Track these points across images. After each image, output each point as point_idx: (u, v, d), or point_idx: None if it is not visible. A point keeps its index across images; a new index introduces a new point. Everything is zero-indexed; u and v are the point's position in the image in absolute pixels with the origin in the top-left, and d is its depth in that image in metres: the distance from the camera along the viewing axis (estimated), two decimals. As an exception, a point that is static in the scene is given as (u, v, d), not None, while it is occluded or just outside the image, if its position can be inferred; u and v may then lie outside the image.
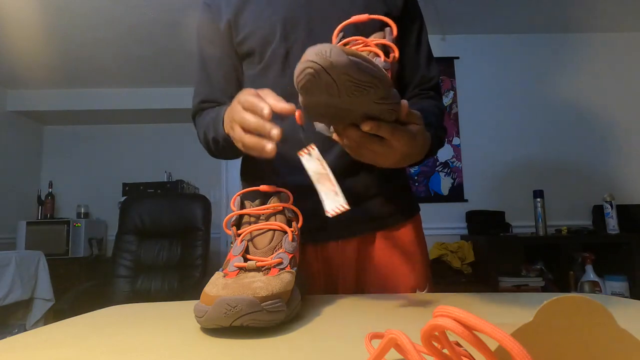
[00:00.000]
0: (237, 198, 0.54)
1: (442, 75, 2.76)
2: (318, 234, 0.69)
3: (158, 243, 2.32)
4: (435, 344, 0.22)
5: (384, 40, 0.53)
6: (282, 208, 0.53)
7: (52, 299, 2.42)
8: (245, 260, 0.47)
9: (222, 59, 0.76)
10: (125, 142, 3.63)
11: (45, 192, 3.35)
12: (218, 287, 0.41)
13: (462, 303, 0.54)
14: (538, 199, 2.36)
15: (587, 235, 2.34)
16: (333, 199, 0.47)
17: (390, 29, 0.55)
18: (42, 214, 3.29)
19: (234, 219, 0.53)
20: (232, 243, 0.52)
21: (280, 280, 0.43)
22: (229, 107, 0.58)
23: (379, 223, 0.72)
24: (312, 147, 0.51)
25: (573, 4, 2.47)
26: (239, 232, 0.51)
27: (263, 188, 0.54)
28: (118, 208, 2.53)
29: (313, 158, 0.50)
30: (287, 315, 0.42)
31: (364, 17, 0.57)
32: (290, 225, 0.52)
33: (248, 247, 0.49)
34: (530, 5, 2.48)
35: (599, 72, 2.77)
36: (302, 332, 0.41)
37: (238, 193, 0.55)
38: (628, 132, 2.71)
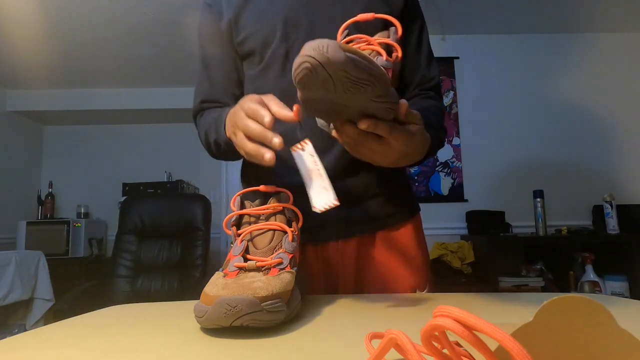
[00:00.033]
0: (237, 198, 0.54)
1: (442, 75, 2.76)
2: (318, 234, 0.69)
3: (158, 243, 2.32)
4: (435, 344, 0.22)
5: (388, 40, 0.53)
6: (282, 208, 0.53)
7: (52, 299, 2.42)
8: (245, 260, 0.47)
9: (223, 59, 0.76)
10: (125, 142, 3.63)
11: (45, 192, 3.35)
12: (218, 287, 0.41)
13: (462, 303, 0.54)
14: (538, 199, 2.36)
15: (587, 235, 2.34)
16: (322, 195, 0.46)
17: (395, 29, 0.55)
18: (42, 214, 3.29)
19: (234, 219, 0.53)
20: (232, 243, 0.51)
21: (280, 280, 0.43)
22: (232, 111, 0.57)
23: (379, 223, 0.72)
24: (305, 142, 0.50)
25: (573, 4, 2.47)
26: (239, 232, 0.51)
27: (263, 188, 0.54)
28: (118, 208, 2.53)
29: (306, 153, 0.50)
30: (287, 315, 0.42)
31: (370, 15, 0.57)
32: (290, 225, 0.52)
33: (248, 247, 0.49)
34: (531, 5, 2.48)
35: (600, 72, 2.77)
36: (302, 332, 0.41)
37: (238, 193, 0.55)
38: (628, 132, 2.71)
